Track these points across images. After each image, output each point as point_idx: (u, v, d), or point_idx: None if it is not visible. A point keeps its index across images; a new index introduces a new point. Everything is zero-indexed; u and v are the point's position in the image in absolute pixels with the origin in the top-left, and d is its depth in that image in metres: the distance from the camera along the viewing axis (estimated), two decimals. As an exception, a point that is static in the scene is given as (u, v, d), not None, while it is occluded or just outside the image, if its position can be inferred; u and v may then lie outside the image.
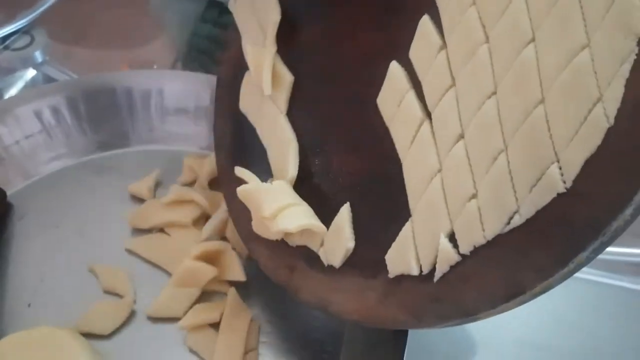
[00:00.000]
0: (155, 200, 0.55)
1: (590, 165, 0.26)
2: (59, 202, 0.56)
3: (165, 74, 0.65)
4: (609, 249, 0.26)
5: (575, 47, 0.27)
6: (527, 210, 0.29)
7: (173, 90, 0.62)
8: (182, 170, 0.59)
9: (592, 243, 0.26)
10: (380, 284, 0.36)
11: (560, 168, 0.28)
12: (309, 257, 0.42)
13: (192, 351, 0.46)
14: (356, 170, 0.40)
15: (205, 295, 0.49)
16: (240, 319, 0.47)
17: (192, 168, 0.58)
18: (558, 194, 0.28)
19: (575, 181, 0.27)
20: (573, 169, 0.27)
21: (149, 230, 0.54)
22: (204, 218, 0.54)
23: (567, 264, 0.27)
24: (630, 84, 0.25)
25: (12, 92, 0.69)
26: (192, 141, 0.61)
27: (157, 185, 0.58)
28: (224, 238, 0.52)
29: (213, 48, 0.75)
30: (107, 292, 0.49)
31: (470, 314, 0.30)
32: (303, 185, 0.43)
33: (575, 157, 0.27)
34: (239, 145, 0.50)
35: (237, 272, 0.49)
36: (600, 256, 0.27)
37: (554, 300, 0.53)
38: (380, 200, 0.38)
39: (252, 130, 0.49)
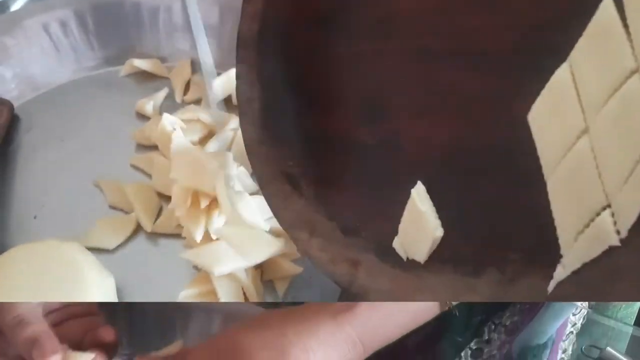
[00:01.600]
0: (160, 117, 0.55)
1: None
2: (65, 116, 0.56)
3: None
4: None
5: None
6: None
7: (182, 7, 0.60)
8: (189, 88, 0.58)
9: None
10: (486, 284, 0.29)
11: None
12: (379, 248, 0.34)
13: (195, 267, 0.46)
14: (430, 139, 0.32)
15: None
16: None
17: (199, 86, 0.57)
18: None
19: None
20: None
21: (154, 147, 0.53)
22: (209, 137, 0.53)
23: None
24: None
25: (19, 4, 0.68)
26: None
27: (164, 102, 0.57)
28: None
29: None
30: (113, 207, 0.50)
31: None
32: (362, 158, 0.36)
33: None
34: (267, 113, 0.42)
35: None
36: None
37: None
38: (467, 176, 0.31)
39: (283, 96, 0.41)
